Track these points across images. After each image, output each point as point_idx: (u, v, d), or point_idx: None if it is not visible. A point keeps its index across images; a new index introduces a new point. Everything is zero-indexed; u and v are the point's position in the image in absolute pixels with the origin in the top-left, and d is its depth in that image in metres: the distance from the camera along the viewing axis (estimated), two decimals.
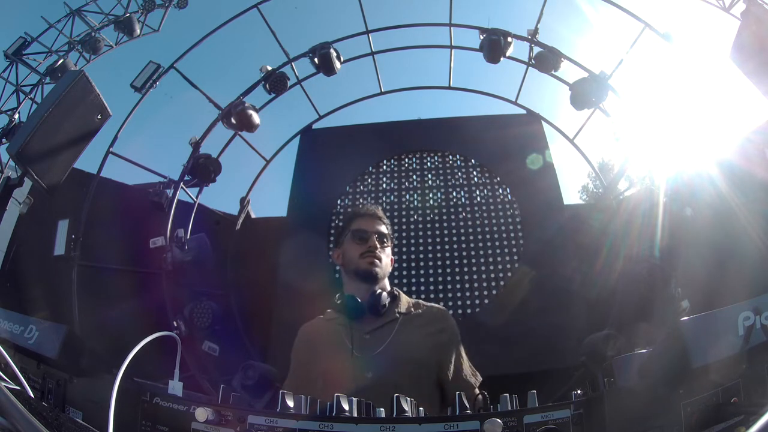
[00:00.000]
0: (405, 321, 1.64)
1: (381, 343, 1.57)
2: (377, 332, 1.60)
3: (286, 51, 5.58)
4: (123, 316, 4.03)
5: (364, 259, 1.70)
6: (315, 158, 5.82)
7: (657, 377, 0.82)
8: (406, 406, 0.79)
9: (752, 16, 3.67)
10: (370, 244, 1.72)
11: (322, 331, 1.72)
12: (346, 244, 1.78)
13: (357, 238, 1.74)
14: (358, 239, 1.74)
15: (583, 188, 14.34)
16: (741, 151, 4.17)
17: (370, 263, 1.70)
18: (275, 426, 0.75)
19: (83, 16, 6.07)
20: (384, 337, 1.59)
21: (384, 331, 1.61)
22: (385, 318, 1.64)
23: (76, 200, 4.71)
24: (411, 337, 1.60)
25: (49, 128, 3.71)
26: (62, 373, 0.99)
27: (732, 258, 3.61)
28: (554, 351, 4.27)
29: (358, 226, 1.77)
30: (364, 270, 1.70)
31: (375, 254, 1.71)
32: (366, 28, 5.83)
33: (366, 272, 1.70)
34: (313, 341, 1.72)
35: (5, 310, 1.15)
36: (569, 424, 0.74)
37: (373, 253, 1.71)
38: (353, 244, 1.74)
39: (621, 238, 4.45)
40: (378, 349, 1.56)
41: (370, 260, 1.70)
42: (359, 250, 1.72)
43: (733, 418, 0.71)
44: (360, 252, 1.71)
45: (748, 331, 0.78)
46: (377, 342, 1.58)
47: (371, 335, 1.60)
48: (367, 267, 1.70)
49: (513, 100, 5.86)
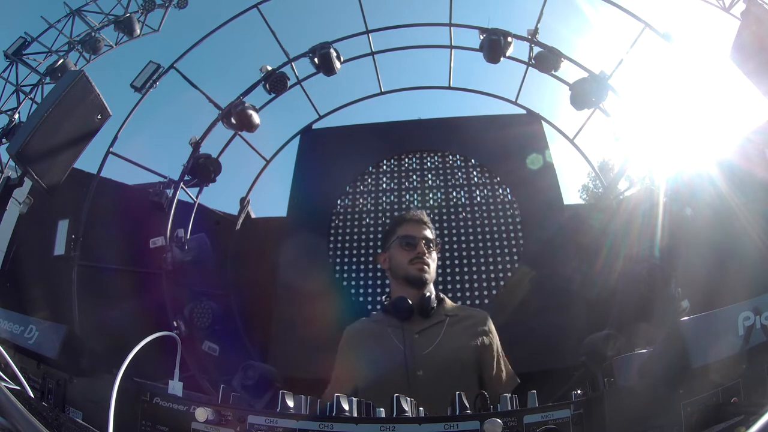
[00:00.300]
0: (452, 323, 1.71)
1: (431, 342, 1.63)
2: (426, 332, 1.67)
3: (286, 51, 5.58)
4: (123, 316, 4.03)
5: (413, 266, 1.76)
6: (315, 158, 5.82)
7: (657, 377, 0.82)
8: (406, 406, 0.79)
9: (752, 16, 3.67)
10: (418, 251, 1.77)
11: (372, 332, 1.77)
12: (393, 249, 1.83)
13: (405, 244, 1.80)
14: (405, 245, 1.79)
15: (584, 188, 14.34)
16: (741, 151, 4.17)
17: (420, 269, 1.76)
18: (275, 426, 0.75)
19: (83, 16, 6.07)
20: (433, 337, 1.65)
21: (433, 331, 1.67)
22: (432, 319, 1.71)
23: (76, 200, 4.70)
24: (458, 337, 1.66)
25: (49, 128, 3.71)
26: (62, 373, 0.99)
27: (732, 258, 3.61)
28: (554, 351, 4.27)
29: (406, 232, 1.82)
30: (414, 276, 1.75)
31: (424, 260, 1.77)
32: (366, 28, 5.83)
33: (416, 278, 1.75)
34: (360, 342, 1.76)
35: (5, 310, 1.15)
36: (569, 424, 0.74)
37: (421, 259, 1.77)
38: (401, 250, 1.80)
39: (621, 238, 4.45)
40: (428, 348, 1.62)
41: (419, 266, 1.76)
42: (408, 257, 1.77)
43: (733, 418, 0.71)
44: (409, 258, 1.77)
45: (748, 331, 0.78)
46: (427, 341, 1.64)
47: (420, 335, 1.66)
48: (416, 273, 1.75)
49: (513, 100, 5.86)
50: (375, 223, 5.35)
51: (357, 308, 4.82)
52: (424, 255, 1.77)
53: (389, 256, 1.85)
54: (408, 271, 1.76)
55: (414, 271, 1.75)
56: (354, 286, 4.99)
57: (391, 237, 1.87)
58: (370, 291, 4.96)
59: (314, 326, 4.37)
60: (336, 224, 5.41)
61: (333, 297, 4.80)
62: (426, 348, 1.62)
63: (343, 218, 5.43)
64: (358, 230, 5.32)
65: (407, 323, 1.68)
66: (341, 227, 5.38)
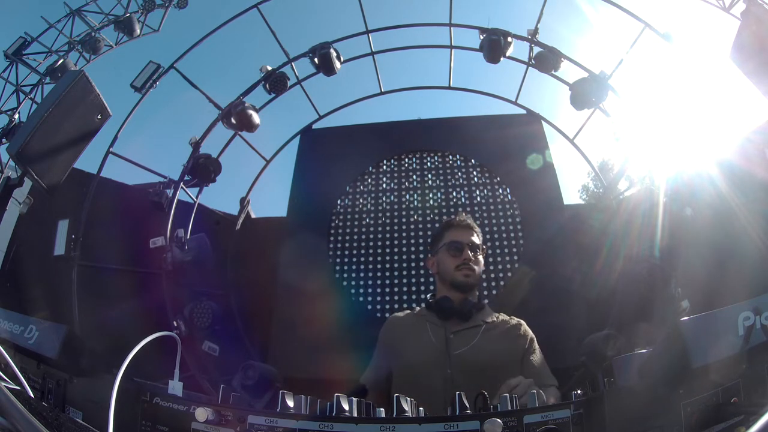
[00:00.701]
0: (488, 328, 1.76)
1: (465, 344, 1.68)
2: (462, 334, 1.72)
3: (286, 51, 5.58)
4: (123, 316, 4.03)
5: (459, 272, 1.82)
6: (315, 158, 5.82)
7: (657, 377, 0.82)
8: (406, 406, 0.79)
9: (752, 16, 3.67)
10: (464, 257, 1.84)
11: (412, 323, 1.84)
12: (441, 254, 1.90)
13: (452, 250, 1.85)
14: (453, 251, 1.85)
15: (583, 188, 14.35)
16: (741, 151, 4.17)
17: (466, 276, 1.82)
18: (275, 426, 0.75)
19: (83, 16, 6.07)
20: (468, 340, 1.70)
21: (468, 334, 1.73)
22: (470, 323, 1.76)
23: (76, 200, 4.70)
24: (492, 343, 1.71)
25: (49, 128, 3.71)
26: (62, 373, 0.99)
27: (732, 258, 3.61)
28: (554, 351, 4.23)
29: (453, 238, 1.88)
30: (460, 282, 1.82)
31: (470, 267, 1.83)
32: (366, 28, 5.83)
33: (462, 284, 1.82)
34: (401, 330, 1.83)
35: (5, 310, 1.15)
36: (569, 424, 0.74)
37: (467, 265, 1.83)
38: (448, 256, 1.86)
39: (621, 238, 4.45)
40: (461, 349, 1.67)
41: (465, 273, 1.82)
42: (455, 262, 1.84)
43: (733, 418, 0.71)
44: (455, 264, 1.84)
45: (748, 331, 0.78)
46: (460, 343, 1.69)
47: (456, 336, 1.71)
48: (463, 280, 1.82)
49: (513, 100, 5.86)
50: (375, 223, 5.35)
51: (357, 308, 4.82)
52: (470, 261, 1.83)
53: (437, 261, 1.91)
54: (454, 276, 1.82)
55: (460, 277, 1.81)
56: (354, 286, 4.98)
57: (439, 242, 1.93)
58: (370, 291, 4.95)
59: (314, 326, 4.37)
60: (336, 224, 5.41)
61: (333, 297, 4.80)
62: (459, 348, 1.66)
63: (343, 218, 5.43)
64: (358, 230, 5.32)
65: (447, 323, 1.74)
66: (341, 227, 5.38)
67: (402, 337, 1.78)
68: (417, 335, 1.74)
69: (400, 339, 1.77)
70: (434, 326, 1.74)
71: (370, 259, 5.10)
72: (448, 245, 1.86)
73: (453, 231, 1.90)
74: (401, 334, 1.80)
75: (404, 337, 1.77)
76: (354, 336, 4.41)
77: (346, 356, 4.22)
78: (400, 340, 1.77)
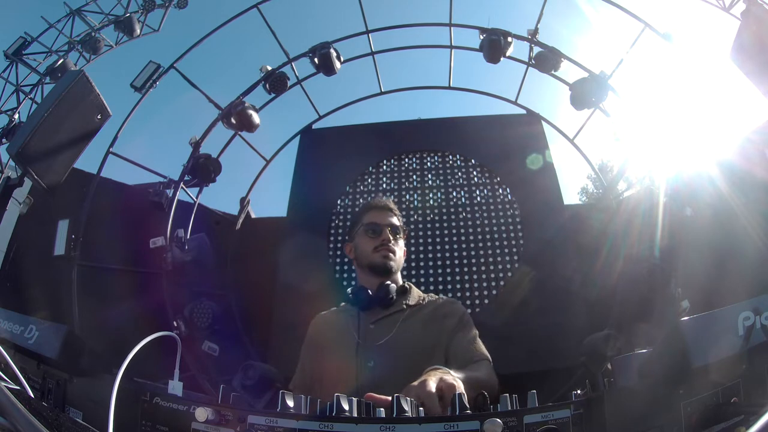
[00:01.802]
0: (411, 312, 1.64)
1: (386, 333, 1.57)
2: (382, 322, 1.61)
3: (286, 51, 5.58)
4: (123, 316, 4.03)
5: (377, 253, 1.70)
6: (315, 158, 5.82)
7: (657, 377, 0.82)
8: (406, 406, 0.79)
9: (752, 16, 3.67)
10: (383, 238, 1.71)
11: (332, 321, 1.74)
12: (358, 237, 1.77)
13: (370, 232, 1.73)
14: (371, 233, 1.73)
15: (583, 190, 14.36)
16: (741, 151, 4.17)
17: (384, 257, 1.69)
18: (275, 426, 0.75)
19: (83, 16, 6.07)
20: (389, 327, 1.58)
21: (389, 321, 1.61)
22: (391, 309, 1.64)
23: (76, 200, 4.70)
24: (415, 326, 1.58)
25: (49, 128, 3.71)
26: (62, 373, 0.99)
27: (732, 258, 3.61)
28: (554, 351, 4.27)
29: (371, 220, 1.76)
30: (378, 264, 1.69)
31: (389, 247, 1.71)
32: (366, 28, 5.83)
33: (380, 266, 1.69)
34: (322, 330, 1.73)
35: (5, 310, 1.15)
36: (569, 424, 0.74)
37: (386, 246, 1.70)
38: (366, 238, 1.74)
39: (621, 238, 4.45)
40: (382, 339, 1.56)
41: (383, 254, 1.70)
42: (372, 244, 1.71)
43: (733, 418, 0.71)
44: (373, 246, 1.71)
45: (748, 331, 0.78)
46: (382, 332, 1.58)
47: (376, 325, 1.60)
48: (381, 261, 1.69)
49: (513, 100, 5.87)
50: None
51: None
52: (389, 242, 1.71)
53: (355, 245, 1.79)
54: (372, 259, 1.70)
55: (378, 258, 1.70)
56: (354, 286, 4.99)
57: (356, 225, 1.81)
58: None
59: None
60: (336, 224, 5.42)
61: (333, 297, 4.79)
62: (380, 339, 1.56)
63: (343, 218, 5.44)
64: None
65: (366, 313, 1.64)
66: (341, 227, 5.38)
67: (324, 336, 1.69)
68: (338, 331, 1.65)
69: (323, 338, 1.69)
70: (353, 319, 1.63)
71: None
72: (366, 227, 1.74)
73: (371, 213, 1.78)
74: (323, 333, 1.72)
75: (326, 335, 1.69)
76: None
77: None
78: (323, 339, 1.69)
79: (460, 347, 1.54)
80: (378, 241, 1.71)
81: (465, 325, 1.62)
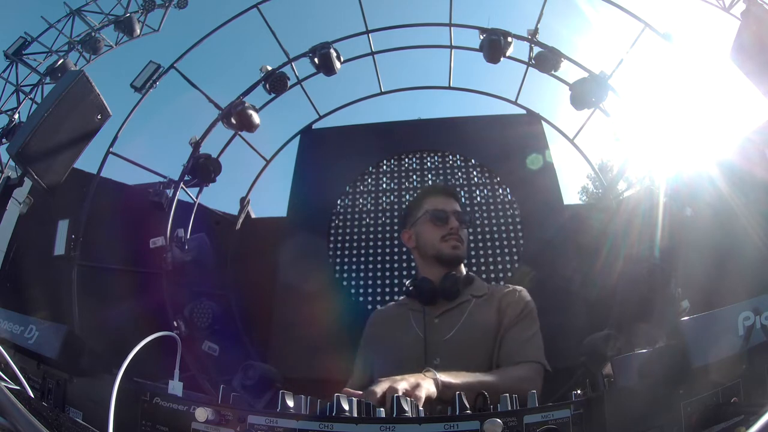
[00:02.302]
0: (477, 304, 1.53)
1: (451, 327, 1.46)
2: (447, 315, 1.50)
3: (286, 51, 5.58)
4: (123, 316, 4.03)
5: (446, 243, 1.57)
6: (315, 158, 5.82)
7: (657, 377, 0.82)
8: (406, 406, 0.79)
9: (752, 16, 3.67)
10: (451, 226, 1.58)
11: (392, 317, 1.63)
12: (420, 225, 1.63)
13: (436, 219, 1.60)
14: (437, 220, 1.59)
15: (583, 190, 14.35)
16: (741, 151, 4.17)
17: (454, 247, 1.57)
18: (275, 426, 0.75)
19: (83, 16, 6.07)
20: (455, 320, 1.48)
21: (455, 314, 1.50)
22: (457, 301, 1.52)
23: (76, 200, 4.70)
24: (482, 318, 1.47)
25: (49, 128, 3.71)
26: (62, 373, 0.99)
27: (732, 258, 3.61)
28: (554, 351, 4.24)
29: (435, 206, 1.62)
30: (448, 254, 1.57)
31: (458, 236, 1.58)
32: (366, 28, 5.83)
33: (449, 256, 1.57)
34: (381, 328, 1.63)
35: (5, 310, 1.15)
36: (569, 424, 0.74)
37: (455, 235, 1.58)
38: (431, 226, 1.60)
39: (621, 238, 4.45)
40: (448, 334, 1.45)
41: (453, 243, 1.57)
42: (439, 233, 1.58)
43: (733, 418, 0.71)
44: (440, 234, 1.58)
45: (748, 331, 0.78)
46: (447, 326, 1.47)
47: (440, 319, 1.50)
48: (450, 251, 1.56)
49: (513, 100, 5.87)
50: (375, 223, 5.35)
51: (357, 308, 4.82)
52: (457, 230, 1.57)
53: (416, 233, 1.64)
54: (441, 249, 1.56)
55: (447, 248, 1.56)
56: (354, 286, 4.99)
57: (416, 211, 1.66)
58: (370, 291, 4.95)
59: (314, 326, 4.37)
60: (336, 224, 5.41)
61: (333, 297, 4.80)
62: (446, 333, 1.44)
63: (343, 218, 5.43)
64: (358, 230, 5.32)
65: (431, 307, 1.51)
66: (341, 227, 5.38)
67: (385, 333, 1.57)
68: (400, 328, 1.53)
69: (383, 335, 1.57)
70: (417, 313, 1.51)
71: (370, 259, 5.10)
72: (430, 214, 1.59)
73: (434, 199, 1.64)
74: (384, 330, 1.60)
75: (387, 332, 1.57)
76: (354, 336, 4.41)
77: (346, 356, 4.22)
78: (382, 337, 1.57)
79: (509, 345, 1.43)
80: (446, 230, 1.58)
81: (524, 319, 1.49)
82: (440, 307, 1.52)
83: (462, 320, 1.46)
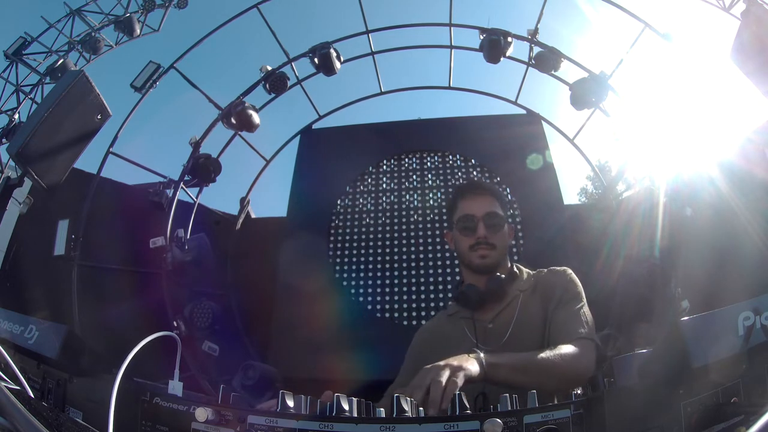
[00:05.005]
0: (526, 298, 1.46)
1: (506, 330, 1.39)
2: (499, 319, 1.44)
3: (286, 51, 5.59)
4: (123, 316, 4.03)
5: (474, 253, 1.50)
6: (315, 158, 5.83)
7: (657, 377, 0.82)
8: (406, 406, 0.79)
9: (752, 16, 3.67)
10: (478, 235, 1.49)
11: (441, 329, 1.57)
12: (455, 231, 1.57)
13: (463, 228, 1.52)
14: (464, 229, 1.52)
15: (583, 190, 14.35)
16: (741, 151, 4.17)
17: (482, 257, 1.49)
18: (275, 426, 0.75)
19: (83, 16, 6.07)
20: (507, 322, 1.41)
21: (506, 315, 1.44)
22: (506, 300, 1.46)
23: (76, 200, 4.71)
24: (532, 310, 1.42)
25: (49, 128, 3.71)
26: (62, 373, 0.99)
27: (732, 258, 3.61)
28: None
29: (464, 212, 1.54)
30: (477, 265, 1.50)
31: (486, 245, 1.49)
32: (366, 28, 5.83)
33: (479, 267, 1.50)
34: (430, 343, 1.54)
35: (5, 310, 1.15)
36: (569, 424, 0.74)
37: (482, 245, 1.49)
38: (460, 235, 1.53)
39: (621, 238, 4.45)
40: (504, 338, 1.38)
41: (480, 254, 1.49)
42: (467, 242, 1.51)
43: (733, 418, 0.71)
44: (469, 244, 1.51)
45: (748, 331, 0.78)
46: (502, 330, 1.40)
47: (494, 323, 1.43)
48: (478, 263, 1.49)
49: (513, 100, 5.87)
50: (375, 223, 5.35)
51: (357, 308, 4.82)
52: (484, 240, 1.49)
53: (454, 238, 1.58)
54: (470, 259, 1.50)
55: (476, 259, 1.49)
56: (354, 286, 4.99)
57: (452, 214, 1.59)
58: (370, 291, 4.96)
59: (314, 326, 4.38)
60: (336, 224, 5.42)
61: (333, 297, 4.80)
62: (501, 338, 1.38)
63: (343, 218, 5.44)
64: (358, 230, 5.32)
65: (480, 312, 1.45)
66: (341, 227, 5.38)
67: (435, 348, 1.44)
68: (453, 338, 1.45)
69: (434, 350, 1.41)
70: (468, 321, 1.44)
71: (370, 259, 5.11)
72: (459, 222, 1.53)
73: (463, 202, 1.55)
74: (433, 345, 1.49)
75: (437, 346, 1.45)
76: (354, 336, 4.42)
77: (345, 356, 4.22)
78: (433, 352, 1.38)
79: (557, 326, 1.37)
80: (473, 239, 1.50)
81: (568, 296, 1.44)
82: (491, 311, 1.47)
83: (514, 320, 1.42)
